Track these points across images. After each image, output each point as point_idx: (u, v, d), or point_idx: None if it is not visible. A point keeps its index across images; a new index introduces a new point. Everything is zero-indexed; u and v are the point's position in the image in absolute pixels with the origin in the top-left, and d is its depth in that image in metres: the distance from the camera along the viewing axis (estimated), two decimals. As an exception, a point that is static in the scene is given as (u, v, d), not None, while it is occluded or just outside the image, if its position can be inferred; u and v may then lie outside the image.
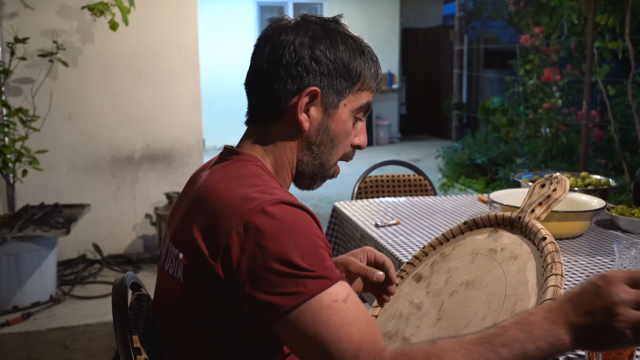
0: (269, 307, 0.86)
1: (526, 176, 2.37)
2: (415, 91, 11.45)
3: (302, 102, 1.03)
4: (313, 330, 0.84)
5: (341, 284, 0.88)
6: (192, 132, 3.85)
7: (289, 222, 0.89)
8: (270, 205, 0.90)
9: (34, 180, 3.45)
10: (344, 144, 1.10)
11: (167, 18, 3.69)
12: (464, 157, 6.13)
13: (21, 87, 3.46)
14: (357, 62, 1.06)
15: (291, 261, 0.85)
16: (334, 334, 0.83)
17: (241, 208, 0.90)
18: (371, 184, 2.80)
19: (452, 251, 1.16)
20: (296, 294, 0.84)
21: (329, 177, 1.14)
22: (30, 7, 3.42)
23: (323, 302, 0.84)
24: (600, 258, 1.65)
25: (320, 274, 0.86)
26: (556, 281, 0.88)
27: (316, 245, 0.89)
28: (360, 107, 1.09)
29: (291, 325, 0.85)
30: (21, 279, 2.94)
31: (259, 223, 0.88)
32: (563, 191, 1.06)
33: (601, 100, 5.07)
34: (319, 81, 1.03)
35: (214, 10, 8.98)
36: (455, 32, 6.94)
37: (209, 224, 0.93)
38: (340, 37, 1.06)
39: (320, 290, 0.85)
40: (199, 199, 0.98)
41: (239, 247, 0.88)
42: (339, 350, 0.82)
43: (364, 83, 1.07)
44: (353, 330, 0.84)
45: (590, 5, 4.40)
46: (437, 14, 11.55)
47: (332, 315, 0.84)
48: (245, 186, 0.95)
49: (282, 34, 1.05)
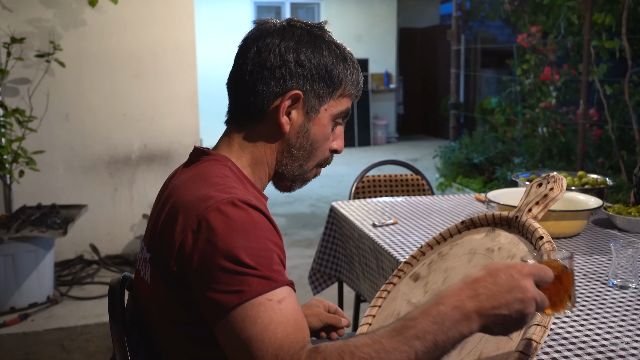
0: (214, 306, 0.85)
1: (523, 175, 2.37)
2: (413, 91, 11.46)
3: (284, 105, 1.05)
4: (241, 326, 0.83)
5: (286, 288, 0.87)
6: (190, 132, 3.85)
7: (242, 222, 0.89)
8: (225, 204, 0.90)
9: (31, 180, 3.44)
10: (322, 148, 1.11)
11: (164, 18, 3.69)
12: (462, 157, 6.14)
13: (18, 88, 3.45)
14: (339, 68, 1.07)
15: (238, 258, 0.85)
16: (258, 331, 0.82)
17: (198, 207, 0.91)
18: (369, 183, 2.80)
19: (449, 251, 1.16)
20: (240, 292, 0.84)
21: (309, 178, 1.16)
22: (22, 7, 3.41)
23: (260, 301, 0.84)
24: (597, 257, 1.66)
25: (266, 274, 0.86)
26: (553, 280, 0.88)
27: (266, 246, 0.89)
28: (340, 112, 1.11)
29: (231, 325, 0.84)
30: (18, 280, 2.93)
31: (212, 221, 0.89)
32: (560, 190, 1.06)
33: (598, 99, 5.08)
34: (302, 85, 1.05)
35: (211, 10, 8.98)
36: (453, 32, 6.94)
37: (170, 223, 0.94)
38: (325, 43, 1.08)
39: (265, 290, 0.85)
40: (166, 201, 1.00)
41: (192, 245, 0.89)
42: (260, 349, 0.81)
43: (345, 89, 1.10)
44: (279, 330, 0.82)
45: (587, 5, 4.41)
46: (435, 14, 11.55)
47: (262, 312, 0.83)
48: (207, 186, 0.96)
49: (267, 36, 1.06)
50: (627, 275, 1.41)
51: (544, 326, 0.83)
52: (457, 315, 0.79)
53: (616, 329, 1.20)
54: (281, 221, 5.13)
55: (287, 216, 5.29)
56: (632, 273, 1.40)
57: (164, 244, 0.95)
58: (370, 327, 1.16)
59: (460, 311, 0.79)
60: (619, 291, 1.40)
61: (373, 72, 10.12)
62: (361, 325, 1.16)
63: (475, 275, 0.82)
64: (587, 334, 1.18)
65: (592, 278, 1.49)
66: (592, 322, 1.23)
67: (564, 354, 1.10)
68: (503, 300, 0.79)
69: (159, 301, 1.00)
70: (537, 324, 0.82)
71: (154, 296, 1.01)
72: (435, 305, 0.80)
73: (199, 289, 0.88)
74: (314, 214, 5.37)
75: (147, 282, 1.02)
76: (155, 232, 0.99)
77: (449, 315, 0.79)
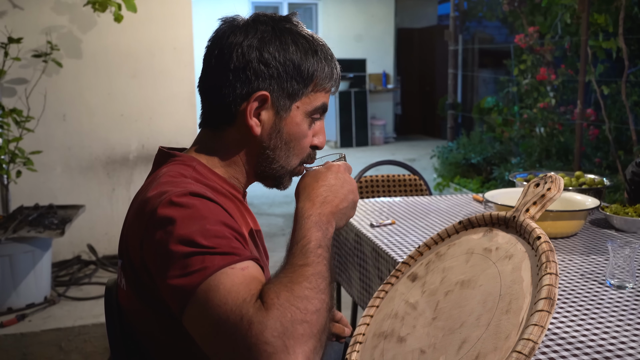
0: (179, 292, 0.82)
1: (521, 175, 2.37)
2: (411, 91, 11.46)
3: (252, 107, 1.01)
4: (206, 298, 0.80)
5: (250, 261, 0.85)
6: (187, 132, 3.85)
7: (197, 208, 0.88)
8: (178, 196, 0.89)
9: (28, 181, 3.43)
10: (300, 146, 1.07)
11: (162, 18, 3.69)
12: (459, 157, 6.14)
13: (15, 88, 3.44)
14: (309, 62, 1.02)
15: (195, 241, 0.84)
16: (222, 296, 0.79)
17: (153, 203, 0.90)
18: (366, 183, 2.80)
19: (447, 251, 1.16)
20: (201, 269, 0.81)
21: (295, 175, 1.12)
22: (20, 6, 3.40)
23: (222, 271, 0.81)
24: (595, 257, 1.66)
25: (227, 250, 0.84)
26: (551, 280, 0.88)
27: (222, 230, 0.87)
28: (315, 108, 1.06)
29: (197, 303, 0.80)
30: (16, 281, 2.93)
31: (167, 212, 0.87)
32: (557, 190, 1.06)
33: (595, 99, 5.09)
34: (269, 84, 1.01)
35: (209, 10, 8.97)
36: (450, 32, 6.95)
37: (132, 227, 0.94)
38: (292, 37, 1.03)
39: (227, 263, 0.82)
40: (132, 206, 1.00)
41: (150, 238, 0.88)
42: (226, 312, 0.78)
43: (317, 84, 1.04)
44: (241, 289, 0.79)
45: (585, 5, 4.41)
46: (432, 14, 11.56)
47: (225, 278, 0.80)
48: (162, 185, 0.95)
49: (230, 35, 1.02)
50: (625, 275, 1.41)
51: (541, 326, 0.83)
52: (324, 219, 0.93)
53: (613, 329, 1.20)
54: (279, 221, 5.13)
55: (284, 216, 5.29)
56: (630, 273, 1.41)
57: (130, 248, 0.94)
58: (367, 327, 1.16)
59: (325, 216, 0.94)
60: (616, 291, 1.40)
61: (371, 72, 10.12)
62: (359, 325, 1.16)
63: (310, 185, 0.97)
64: (585, 334, 1.18)
65: (590, 278, 1.49)
66: (590, 322, 1.23)
67: (561, 354, 1.10)
68: (341, 196, 0.98)
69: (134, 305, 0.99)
70: (534, 324, 0.82)
71: (131, 303, 1.00)
72: (306, 219, 0.91)
73: (161, 281, 0.85)
74: (311, 214, 5.37)
75: (123, 289, 1.01)
76: (123, 237, 0.98)
77: (322, 222, 0.92)
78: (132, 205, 1.01)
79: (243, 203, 1.12)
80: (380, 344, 1.04)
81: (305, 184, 0.98)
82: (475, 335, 0.86)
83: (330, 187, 0.97)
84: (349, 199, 0.99)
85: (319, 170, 1.00)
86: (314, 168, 1.04)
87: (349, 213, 1.00)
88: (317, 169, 1.02)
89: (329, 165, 1.02)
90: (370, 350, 1.05)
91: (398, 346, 1.00)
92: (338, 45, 9.63)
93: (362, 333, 1.12)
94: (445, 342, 0.92)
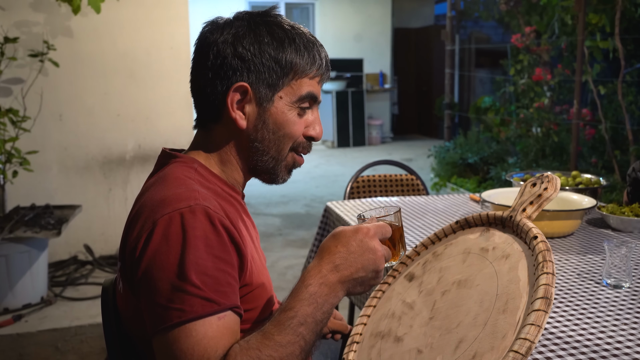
0: (154, 318, 0.86)
1: (517, 175, 2.37)
2: (407, 91, 11.47)
3: (232, 99, 1.02)
4: (176, 339, 0.84)
5: (229, 312, 0.88)
6: (184, 133, 3.84)
7: (195, 235, 0.88)
8: (183, 212, 0.89)
9: (24, 181, 3.43)
10: (289, 136, 1.06)
11: (158, 18, 3.68)
12: (456, 157, 6.15)
13: (11, 88, 3.43)
14: (286, 52, 1.02)
15: (185, 274, 0.85)
16: (190, 345, 0.83)
17: (156, 211, 0.91)
18: (363, 183, 2.80)
19: (444, 250, 1.16)
20: (180, 310, 0.84)
21: (290, 167, 1.12)
22: (15, 6, 3.39)
23: (198, 321, 0.85)
24: (591, 257, 1.66)
25: (209, 296, 0.86)
26: (547, 280, 0.88)
27: (216, 266, 0.88)
28: (301, 97, 1.05)
29: (166, 340, 0.85)
30: (12, 281, 2.92)
31: (166, 230, 0.88)
32: (554, 190, 1.06)
33: (592, 99, 5.10)
34: (247, 77, 1.01)
35: (206, 10, 8.95)
36: (447, 32, 6.95)
37: (131, 228, 0.94)
38: (267, 29, 1.03)
39: (205, 313, 0.85)
40: (134, 207, 0.99)
41: (142, 250, 0.89)
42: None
43: (298, 72, 1.04)
44: (211, 344, 0.84)
45: (581, 5, 4.42)
46: (429, 14, 11.57)
47: (199, 327, 0.84)
48: (167, 188, 0.95)
49: (209, 35, 1.04)
50: (621, 275, 1.41)
51: (538, 326, 0.83)
52: (325, 290, 0.90)
53: (610, 328, 1.20)
54: (276, 221, 5.13)
55: (281, 216, 5.29)
56: (626, 272, 1.41)
57: (126, 250, 0.94)
58: (365, 327, 1.16)
59: (327, 286, 0.90)
60: (613, 290, 1.40)
61: (368, 72, 10.13)
62: (356, 325, 1.16)
63: (329, 248, 0.92)
64: (581, 333, 1.18)
65: (586, 278, 1.49)
66: (586, 322, 1.23)
67: (558, 353, 1.10)
68: (359, 265, 0.92)
69: (129, 307, 0.99)
70: (531, 323, 0.82)
71: (128, 306, 1.00)
72: (304, 288, 0.89)
73: (142, 294, 0.89)
74: (308, 214, 5.37)
75: (120, 292, 1.01)
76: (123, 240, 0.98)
77: (319, 293, 0.89)
78: (134, 207, 1.01)
79: (242, 205, 1.13)
80: (377, 344, 1.04)
81: (325, 245, 0.94)
82: (472, 335, 0.86)
83: (348, 254, 0.92)
84: (368, 268, 0.93)
85: (344, 232, 0.94)
86: (366, 220, 1.01)
87: (369, 282, 0.95)
88: (344, 230, 0.95)
89: (358, 227, 0.95)
90: (367, 350, 1.05)
91: (395, 346, 1.00)
92: (335, 45, 9.63)
93: (359, 333, 1.12)
94: (442, 342, 0.92)
